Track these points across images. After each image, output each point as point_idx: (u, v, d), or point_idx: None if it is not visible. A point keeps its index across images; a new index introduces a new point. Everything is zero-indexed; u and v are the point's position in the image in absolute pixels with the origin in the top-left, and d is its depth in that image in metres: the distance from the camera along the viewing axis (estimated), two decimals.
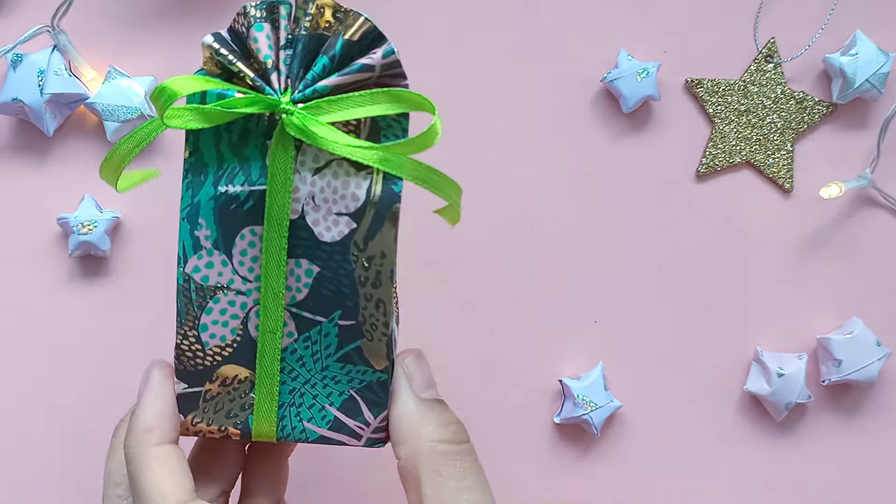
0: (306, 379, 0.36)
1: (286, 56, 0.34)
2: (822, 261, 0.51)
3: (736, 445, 0.51)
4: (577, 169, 0.50)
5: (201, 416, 0.36)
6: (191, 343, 0.36)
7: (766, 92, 0.50)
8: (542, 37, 0.50)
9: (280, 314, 0.35)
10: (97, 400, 0.49)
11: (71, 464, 0.49)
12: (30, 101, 0.47)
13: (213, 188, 0.34)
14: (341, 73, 0.34)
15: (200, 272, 0.35)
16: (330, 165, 0.34)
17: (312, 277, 0.35)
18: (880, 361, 0.49)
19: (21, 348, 0.50)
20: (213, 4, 0.50)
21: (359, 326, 0.36)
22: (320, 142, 0.33)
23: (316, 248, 0.35)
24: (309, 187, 0.34)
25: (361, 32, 0.34)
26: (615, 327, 0.50)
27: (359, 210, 0.35)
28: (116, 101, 0.47)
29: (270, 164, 0.34)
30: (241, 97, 0.33)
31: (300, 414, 0.36)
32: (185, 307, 0.35)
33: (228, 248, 0.35)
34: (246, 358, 0.36)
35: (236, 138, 0.34)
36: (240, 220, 0.35)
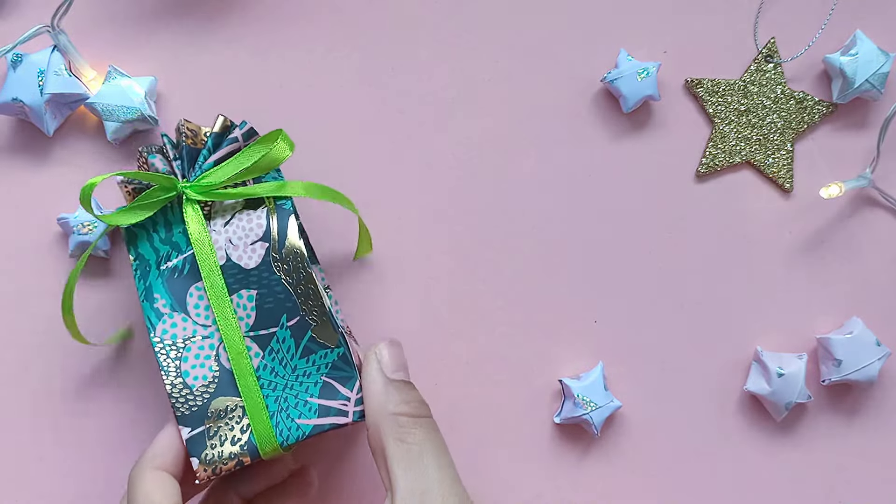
0: (284, 385, 0.42)
1: (178, 163, 0.44)
2: (822, 261, 0.51)
3: (736, 445, 0.51)
4: (577, 169, 0.50)
5: (211, 451, 0.42)
6: (180, 390, 0.42)
7: (766, 92, 0.50)
8: (542, 37, 0.50)
9: (241, 342, 0.42)
10: (97, 400, 0.49)
11: (71, 464, 0.49)
12: (30, 101, 0.47)
13: (157, 270, 0.43)
14: (217, 152, 0.43)
15: (168, 333, 0.43)
16: (234, 216, 0.43)
17: (254, 301, 0.43)
18: (880, 361, 0.49)
19: (21, 348, 0.50)
20: (213, 5, 0.50)
21: (304, 319, 0.42)
22: (215, 195, 0.43)
23: (247, 277, 0.43)
24: (224, 236, 0.43)
25: (220, 125, 0.44)
26: (615, 327, 0.50)
27: (266, 232, 0.43)
28: (116, 101, 0.47)
29: (190, 232, 0.43)
30: (155, 187, 0.43)
31: (290, 415, 0.42)
32: (166, 363, 0.42)
33: (184, 307, 0.43)
34: (229, 387, 0.42)
35: (163, 234, 0.44)
36: (184, 283, 0.43)
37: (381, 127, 0.50)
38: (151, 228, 0.44)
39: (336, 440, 0.50)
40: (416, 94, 0.50)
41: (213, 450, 0.42)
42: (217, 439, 0.42)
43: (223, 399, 0.42)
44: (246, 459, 0.42)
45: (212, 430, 0.42)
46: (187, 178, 0.44)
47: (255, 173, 0.43)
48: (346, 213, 0.49)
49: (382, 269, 0.50)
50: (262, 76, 0.50)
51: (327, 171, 0.49)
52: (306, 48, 0.50)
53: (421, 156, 0.50)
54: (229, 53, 0.50)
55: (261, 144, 0.43)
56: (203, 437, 0.42)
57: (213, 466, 0.42)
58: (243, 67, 0.50)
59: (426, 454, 0.38)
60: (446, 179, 0.50)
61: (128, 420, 0.49)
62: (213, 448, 0.42)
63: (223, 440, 0.42)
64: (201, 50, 0.50)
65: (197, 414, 0.42)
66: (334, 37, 0.50)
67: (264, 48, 0.50)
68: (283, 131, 0.43)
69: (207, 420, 0.42)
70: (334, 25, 0.50)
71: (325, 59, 0.50)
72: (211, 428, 0.42)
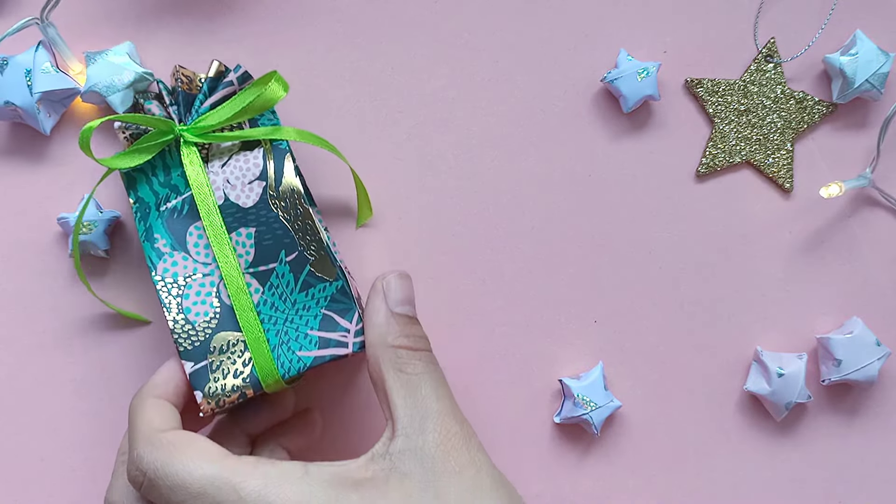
0: (284, 318, 0.43)
1: (174, 109, 0.45)
2: (822, 261, 0.51)
3: (736, 445, 0.51)
4: (577, 169, 0.50)
5: (214, 384, 0.43)
6: (182, 325, 0.43)
7: (766, 92, 0.50)
8: (542, 37, 0.50)
9: (241, 278, 0.43)
10: (97, 400, 0.49)
11: (71, 464, 0.49)
12: (21, 103, 0.47)
13: (157, 211, 0.44)
14: (212, 96, 0.45)
15: (169, 271, 0.44)
16: (231, 157, 0.45)
17: (253, 238, 0.44)
18: (880, 361, 0.49)
19: (21, 348, 0.50)
20: (213, 4, 0.50)
21: (302, 253, 0.44)
22: (212, 137, 0.44)
23: (245, 215, 0.44)
24: (222, 177, 0.44)
25: (215, 70, 0.45)
26: (615, 327, 0.50)
27: (263, 171, 0.44)
28: (108, 74, 0.47)
29: (188, 173, 0.44)
30: (153, 132, 0.44)
31: (291, 348, 0.43)
32: (167, 300, 0.44)
33: (184, 246, 0.44)
34: (231, 323, 0.43)
35: (162, 177, 0.45)
36: (184, 222, 0.44)
37: (381, 127, 0.50)
38: (150, 173, 0.45)
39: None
40: (416, 94, 0.50)
41: (215, 383, 0.43)
42: (220, 373, 0.43)
43: (225, 334, 0.43)
44: (248, 392, 0.43)
45: (214, 364, 0.43)
46: (184, 122, 0.45)
47: (251, 114, 0.44)
48: (345, 184, 0.49)
49: (382, 268, 0.50)
50: None
51: (327, 171, 0.49)
52: (306, 48, 0.50)
53: (421, 156, 0.50)
54: (229, 53, 0.50)
55: (255, 87, 0.44)
56: (206, 371, 0.43)
57: (217, 399, 0.43)
58: None
59: (424, 385, 0.39)
60: (446, 179, 0.50)
61: None
62: (215, 381, 0.43)
63: (226, 374, 0.43)
64: (201, 50, 0.50)
65: (199, 349, 0.43)
66: (334, 37, 0.50)
67: (264, 48, 0.50)
68: (278, 73, 0.44)
69: (210, 355, 0.43)
70: (334, 25, 0.50)
71: (325, 59, 0.50)
72: (213, 362, 0.43)
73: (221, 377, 0.43)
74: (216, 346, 0.43)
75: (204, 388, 0.43)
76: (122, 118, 0.44)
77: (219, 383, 0.43)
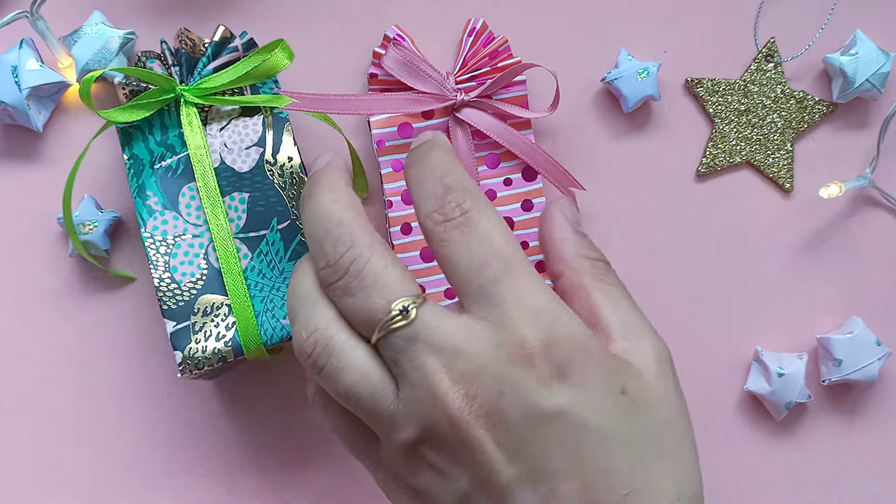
0: (271, 286, 0.44)
1: (176, 70, 0.45)
2: (822, 261, 0.51)
3: (736, 445, 0.51)
4: (578, 169, 0.50)
5: (195, 345, 0.43)
6: (168, 284, 0.44)
7: (766, 92, 0.50)
8: (542, 37, 0.50)
9: (231, 242, 0.44)
10: (97, 400, 0.49)
11: (71, 464, 0.49)
12: (11, 101, 0.47)
13: (151, 169, 0.44)
14: (216, 60, 0.44)
15: (159, 229, 0.44)
16: (230, 121, 0.45)
17: (245, 203, 0.44)
18: (880, 361, 0.49)
19: (21, 348, 0.50)
20: (213, 4, 0.50)
21: (294, 222, 0.44)
22: (213, 100, 0.44)
23: (239, 180, 0.44)
24: (220, 140, 0.44)
25: (220, 35, 0.45)
26: None
27: (261, 137, 0.44)
28: (94, 47, 0.47)
29: (186, 133, 0.44)
30: (154, 89, 0.44)
31: (275, 315, 0.43)
32: (155, 258, 0.44)
33: (175, 206, 0.44)
34: (217, 286, 0.44)
35: (159, 136, 0.45)
36: (177, 182, 0.44)
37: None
38: (147, 131, 0.45)
39: None
40: None
41: (197, 344, 0.43)
42: (202, 334, 0.43)
43: (210, 297, 0.44)
44: (229, 356, 0.43)
45: (197, 325, 0.43)
46: (186, 83, 0.45)
47: (254, 79, 0.44)
48: None
49: None
50: None
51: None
52: (306, 48, 0.50)
53: None
54: None
55: (260, 53, 0.44)
56: (188, 331, 0.43)
57: (196, 361, 0.43)
58: None
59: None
60: None
61: (128, 420, 0.49)
62: (197, 343, 0.43)
63: (208, 336, 0.43)
64: None
65: (183, 309, 0.43)
66: (334, 37, 0.50)
67: None
68: (284, 41, 0.44)
69: (193, 316, 0.43)
70: (334, 25, 0.50)
71: (325, 59, 0.50)
72: (196, 323, 0.43)
73: (203, 339, 0.43)
74: (200, 307, 0.43)
75: (184, 349, 0.43)
76: (126, 71, 0.44)
77: (200, 345, 0.43)
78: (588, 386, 0.34)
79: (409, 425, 0.35)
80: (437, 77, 0.46)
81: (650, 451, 0.35)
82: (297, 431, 0.50)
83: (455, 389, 0.34)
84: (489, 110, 0.47)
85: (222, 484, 0.50)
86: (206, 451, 0.50)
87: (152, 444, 0.50)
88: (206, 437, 0.50)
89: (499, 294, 0.35)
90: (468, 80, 0.47)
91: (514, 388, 0.34)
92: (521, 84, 0.48)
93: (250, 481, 0.50)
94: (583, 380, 0.34)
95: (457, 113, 0.47)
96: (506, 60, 0.47)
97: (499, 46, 0.47)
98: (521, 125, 0.48)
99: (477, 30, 0.47)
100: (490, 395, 0.34)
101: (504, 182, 0.48)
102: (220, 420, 0.50)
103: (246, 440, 0.50)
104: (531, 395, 0.34)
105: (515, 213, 0.48)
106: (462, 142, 0.47)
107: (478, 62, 0.47)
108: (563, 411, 0.34)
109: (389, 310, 0.35)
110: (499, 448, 0.34)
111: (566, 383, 0.34)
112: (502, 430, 0.34)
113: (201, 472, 0.50)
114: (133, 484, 0.49)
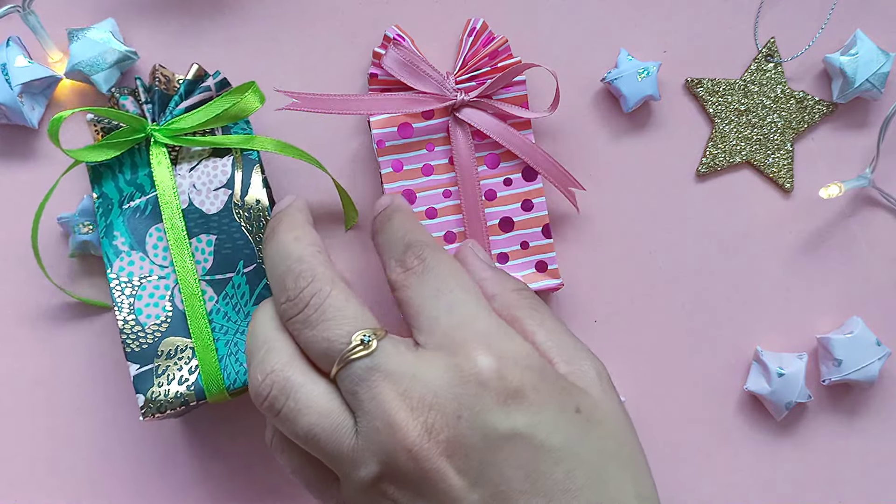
0: (235, 329, 0.44)
1: (149, 107, 0.45)
2: (822, 261, 0.51)
3: (736, 445, 0.51)
4: (578, 169, 0.50)
5: (157, 389, 0.43)
6: (132, 326, 0.43)
7: (766, 91, 0.50)
8: (542, 37, 0.50)
9: (197, 284, 0.44)
10: (97, 400, 0.49)
11: (71, 464, 0.49)
12: (3, 99, 0.47)
13: (119, 209, 0.45)
14: (188, 99, 0.45)
15: (125, 270, 0.44)
16: (200, 162, 0.45)
17: (213, 245, 0.44)
18: (880, 361, 0.49)
19: (20, 349, 0.49)
20: (213, 4, 0.50)
21: (260, 266, 0.44)
22: (183, 140, 0.44)
23: (207, 221, 0.44)
24: (189, 181, 0.45)
25: (194, 73, 0.45)
26: (615, 327, 0.50)
27: (230, 180, 0.44)
28: (91, 52, 0.47)
29: (155, 173, 0.44)
30: (125, 128, 0.44)
31: (238, 358, 0.44)
32: (120, 299, 0.44)
33: (142, 247, 0.44)
34: (181, 328, 0.44)
35: (129, 175, 0.45)
36: (145, 223, 0.44)
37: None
38: (117, 169, 0.45)
39: None
40: None
41: (159, 388, 0.43)
42: (165, 378, 0.43)
43: (174, 339, 0.44)
44: (192, 400, 0.43)
45: (160, 368, 0.43)
46: (157, 122, 0.45)
47: (224, 121, 0.45)
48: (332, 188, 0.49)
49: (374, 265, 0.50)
50: (262, 77, 0.50)
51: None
52: (306, 48, 0.50)
53: None
54: (226, 54, 0.50)
55: (232, 95, 0.44)
56: (151, 374, 0.43)
57: (158, 405, 0.43)
58: (243, 68, 0.50)
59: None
60: None
61: (128, 420, 0.49)
62: (159, 386, 0.43)
63: (171, 379, 0.43)
64: (199, 50, 0.50)
65: (147, 351, 0.43)
66: (334, 36, 0.50)
67: (264, 48, 0.50)
68: (256, 83, 0.44)
69: (157, 359, 0.43)
70: (334, 25, 0.50)
71: (326, 59, 0.50)
72: (160, 366, 0.43)
73: (166, 382, 0.43)
74: (164, 350, 0.43)
75: (147, 392, 0.43)
76: (97, 111, 0.44)
77: (163, 388, 0.43)
78: (543, 406, 0.35)
79: (368, 461, 0.35)
80: (438, 77, 0.46)
81: (609, 466, 0.36)
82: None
83: (413, 417, 0.34)
84: (489, 110, 0.47)
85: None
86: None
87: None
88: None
89: (451, 322, 0.36)
90: (468, 79, 0.47)
91: (472, 411, 0.34)
92: (521, 84, 0.48)
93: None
94: (538, 400, 0.35)
95: (457, 113, 0.47)
96: (506, 60, 0.47)
97: (499, 46, 0.47)
98: (521, 125, 0.48)
99: (477, 30, 0.47)
100: (448, 421, 0.34)
101: (504, 182, 0.48)
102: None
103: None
104: (489, 418, 0.34)
105: (516, 212, 0.48)
106: (462, 142, 0.47)
107: (478, 62, 0.47)
108: (520, 433, 0.34)
109: (350, 340, 0.36)
110: (459, 475, 0.34)
111: (522, 404, 0.35)
112: (462, 455, 0.34)
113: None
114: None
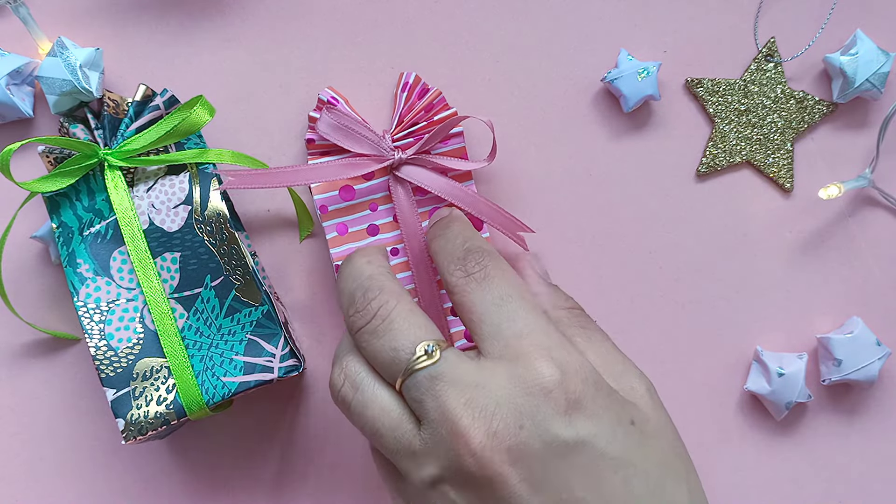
0: (209, 344, 0.44)
1: (100, 133, 0.45)
2: (822, 261, 0.51)
3: (736, 445, 0.51)
4: (578, 168, 0.50)
5: (137, 411, 0.43)
6: (104, 352, 0.43)
7: (766, 91, 0.50)
8: (542, 37, 0.50)
9: (166, 303, 0.44)
10: (97, 400, 0.49)
11: (70, 464, 0.49)
12: None
13: (80, 236, 0.44)
14: (138, 120, 0.45)
15: (92, 297, 0.44)
16: (156, 181, 0.45)
17: (178, 263, 0.44)
18: (880, 361, 0.49)
19: (18, 351, 0.49)
20: (212, 4, 0.50)
21: (227, 278, 0.44)
22: (137, 161, 0.44)
23: (170, 239, 0.44)
24: (147, 201, 0.44)
25: (142, 94, 0.45)
26: (615, 327, 0.50)
27: (188, 196, 0.44)
28: (56, 73, 0.46)
29: (112, 197, 0.44)
30: (77, 155, 0.44)
31: (215, 374, 0.43)
32: (89, 326, 0.44)
33: (107, 271, 0.44)
34: (155, 348, 0.44)
35: (86, 202, 0.45)
36: (108, 247, 0.44)
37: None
38: (74, 197, 0.45)
39: None
40: None
41: (138, 410, 0.43)
42: (143, 399, 0.43)
43: (148, 360, 0.43)
44: (172, 419, 0.43)
45: (137, 390, 0.43)
46: (109, 146, 0.45)
47: (176, 138, 0.45)
48: None
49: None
50: (262, 77, 0.50)
51: None
52: (306, 48, 0.50)
53: None
54: (227, 53, 0.49)
55: (181, 111, 0.44)
56: (128, 397, 0.43)
57: (139, 427, 0.43)
58: (242, 68, 0.49)
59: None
60: None
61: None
62: (138, 408, 0.43)
63: (149, 400, 0.43)
64: (200, 50, 0.49)
65: (122, 375, 0.43)
66: (334, 37, 0.50)
67: (263, 48, 0.50)
68: (204, 97, 0.44)
69: (133, 381, 0.43)
70: (334, 25, 0.50)
71: (326, 59, 0.50)
72: (136, 389, 0.43)
73: (144, 404, 0.43)
74: (139, 372, 0.43)
75: (126, 416, 0.43)
76: (45, 141, 0.43)
77: (142, 410, 0.43)
78: (602, 417, 0.36)
79: (429, 463, 0.36)
80: (373, 138, 0.46)
81: (665, 476, 0.36)
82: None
83: (477, 425, 0.35)
84: (428, 165, 0.46)
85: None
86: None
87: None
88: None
89: (513, 332, 0.37)
90: (405, 136, 0.46)
91: (534, 420, 0.35)
92: (458, 136, 0.47)
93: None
94: (597, 411, 0.35)
95: (396, 171, 0.46)
96: (441, 112, 0.47)
97: (433, 99, 0.47)
98: (461, 177, 0.47)
99: (410, 84, 0.47)
100: (510, 429, 0.35)
101: None
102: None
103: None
104: (551, 426, 0.35)
105: None
106: (403, 199, 0.46)
107: (414, 116, 0.46)
108: (583, 441, 0.35)
109: (414, 350, 0.36)
110: (522, 482, 0.34)
111: (583, 414, 0.35)
112: (524, 463, 0.35)
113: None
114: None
